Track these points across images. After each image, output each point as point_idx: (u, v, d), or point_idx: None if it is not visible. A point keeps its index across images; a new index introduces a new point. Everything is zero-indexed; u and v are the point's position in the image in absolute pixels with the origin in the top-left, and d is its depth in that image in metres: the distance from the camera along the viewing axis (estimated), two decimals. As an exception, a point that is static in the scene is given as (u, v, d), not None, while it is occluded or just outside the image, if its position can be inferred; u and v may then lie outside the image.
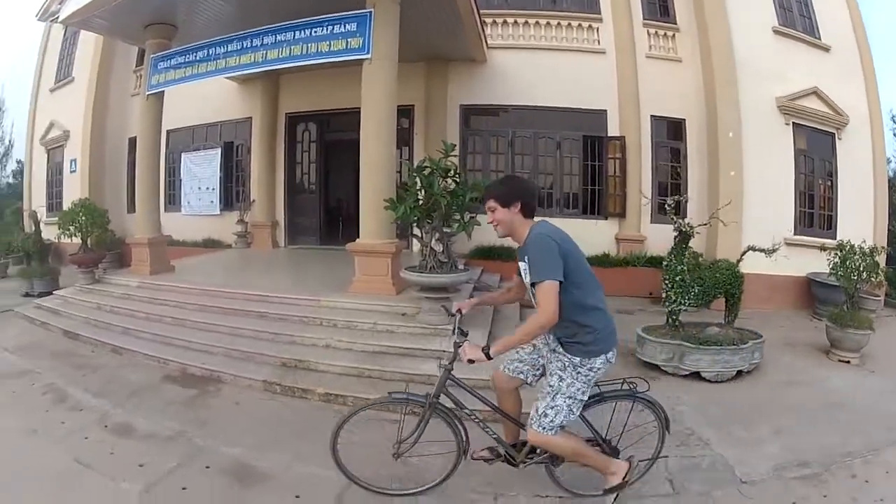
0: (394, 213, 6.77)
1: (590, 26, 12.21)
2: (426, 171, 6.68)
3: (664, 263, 6.90)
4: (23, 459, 4.62)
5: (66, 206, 14.88)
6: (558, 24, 12.17)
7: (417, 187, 6.73)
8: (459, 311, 3.80)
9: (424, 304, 6.81)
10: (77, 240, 10.32)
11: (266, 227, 13.75)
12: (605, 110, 11.98)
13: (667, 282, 6.77)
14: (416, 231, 6.96)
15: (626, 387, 3.69)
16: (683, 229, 6.69)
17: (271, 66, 8.59)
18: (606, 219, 11.99)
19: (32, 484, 4.25)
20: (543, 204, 12.06)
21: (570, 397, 3.35)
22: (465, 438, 3.75)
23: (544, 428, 3.36)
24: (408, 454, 3.81)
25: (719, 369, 6.27)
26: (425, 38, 10.31)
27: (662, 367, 6.49)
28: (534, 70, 11.98)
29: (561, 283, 3.14)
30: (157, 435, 5.03)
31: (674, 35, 12.21)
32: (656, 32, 12.21)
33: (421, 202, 6.69)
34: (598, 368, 3.36)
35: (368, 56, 7.67)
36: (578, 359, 3.32)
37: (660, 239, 10.76)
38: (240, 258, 12.66)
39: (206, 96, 13.39)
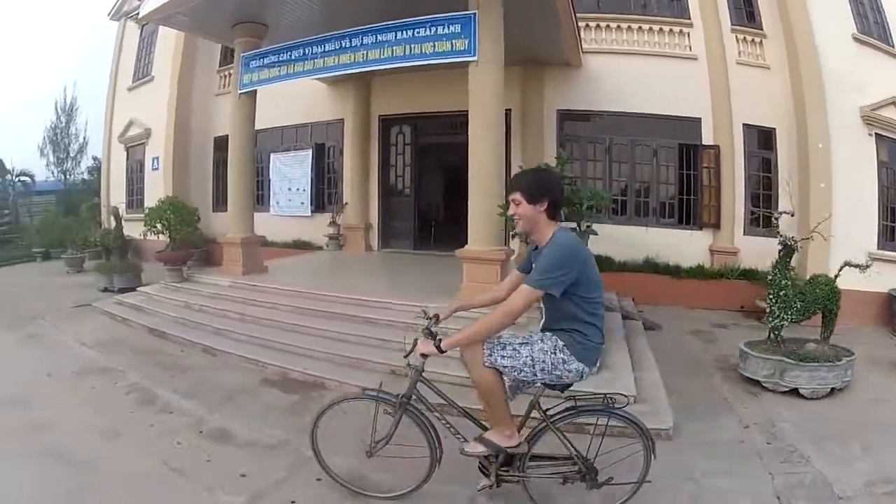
0: (511, 221, 6.52)
1: (681, 31, 11.84)
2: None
3: (769, 278, 6.64)
4: (106, 463, 4.48)
5: (147, 203, 15.15)
6: (650, 28, 11.85)
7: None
8: (437, 316, 3.70)
9: (537, 313, 6.50)
10: (161, 237, 10.37)
11: (359, 229, 13.60)
12: (700, 118, 11.58)
13: (771, 296, 6.53)
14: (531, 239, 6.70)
15: (607, 401, 3.45)
16: (789, 243, 6.43)
17: (373, 67, 8.36)
18: (701, 229, 11.59)
19: (119, 490, 4.08)
20: (640, 213, 11.80)
21: (532, 358, 3.29)
22: (437, 444, 3.68)
23: (490, 352, 3.31)
24: (382, 454, 3.80)
25: (815, 386, 6.08)
26: (523, 41, 9.97)
27: (763, 383, 6.30)
28: (628, 76, 11.67)
29: (552, 297, 3.16)
30: (259, 443, 4.83)
31: (761, 41, 11.76)
32: (744, 38, 11.77)
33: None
34: (570, 371, 3.30)
35: (475, 58, 7.39)
36: (563, 344, 3.27)
37: (752, 252, 10.62)
38: (333, 261, 12.56)
39: (294, 97, 13.37)
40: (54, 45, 54.12)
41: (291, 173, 14.69)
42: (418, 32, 7.74)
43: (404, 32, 7.84)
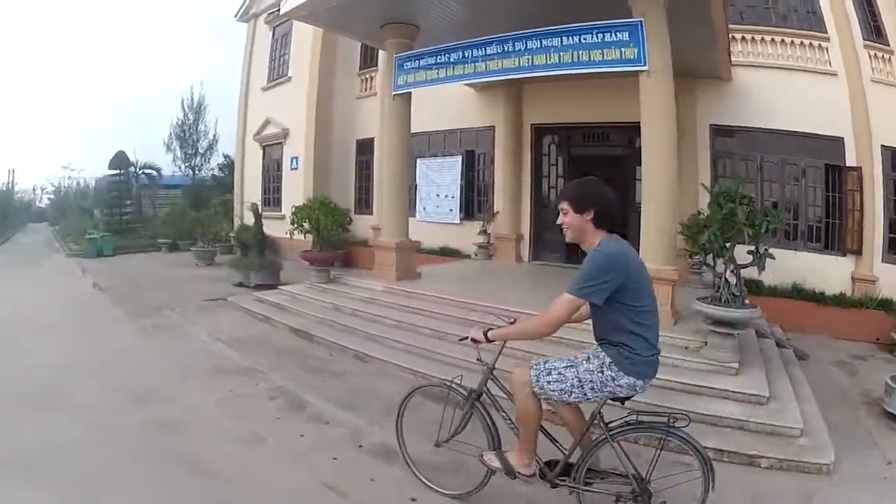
0: (695, 239, 6.34)
1: (819, 45, 11.26)
2: (728, 198, 6.16)
3: None
4: (250, 475, 4.21)
5: (285, 201, 15.50)
6: (791, 42, 11.34)
7: (720, 215, 6.20)
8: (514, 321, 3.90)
9: (711, 338, 6.26)
10: (306, 237, 10.53)
11: (510, 239, 13.51)
12: (842, 138, 10.94)
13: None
14: (709, 260, 6.47)
15: (670, 420, 3.33)
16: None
17: (540, 73, 8.15)
18: (845, 255, 10.98)
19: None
20: (789, 236, 11.25)
21: (579, 380, 3.30)
22: (497, 446, 3.72)
23: (537, 379, 3.37)
24: (448, 447, 3.95)
25: (948, 424, 5.79)
26: (677, 53, 9.66)
27: (902, 419, 6.04)
28: (773, 90, 11.20)
29: (596, 305, 3.19)
30: (427, 463, 4.28)
31: (889, 58, 11.06)
32: (875, 55, 11.09)
33: (722, 230, 6.17)
34: (621, 386, 3.26)
35: (645, 68, 7.19)
36: (610, 360, 3.23)
37: (891, 281, 10.22)
38: (486, 270, 12.49)
39: (442, 102, 13.51)
40: (174, 44, 56.96)
41: (440, 179, 14.68)
42: (585, 38, 7.57)
43: (570, 38, 7.67)
